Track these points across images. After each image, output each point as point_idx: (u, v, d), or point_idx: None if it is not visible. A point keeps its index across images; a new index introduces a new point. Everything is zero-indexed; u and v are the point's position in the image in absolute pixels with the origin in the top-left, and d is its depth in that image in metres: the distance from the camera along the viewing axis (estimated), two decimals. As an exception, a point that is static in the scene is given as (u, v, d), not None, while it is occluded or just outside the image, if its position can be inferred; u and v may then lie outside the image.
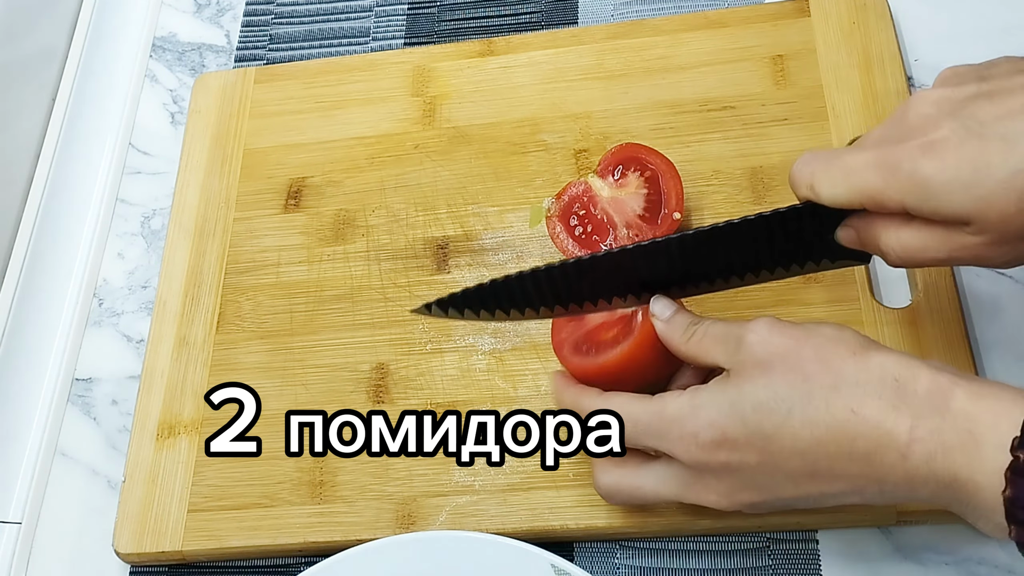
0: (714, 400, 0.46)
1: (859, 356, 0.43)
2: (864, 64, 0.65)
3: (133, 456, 0.62)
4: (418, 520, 0.57)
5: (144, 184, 0.74)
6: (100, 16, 0.79)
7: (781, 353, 0.45)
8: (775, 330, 0.45)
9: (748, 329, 0.46)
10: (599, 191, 0.61)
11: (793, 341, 0.45)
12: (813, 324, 0.46)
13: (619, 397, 0.49)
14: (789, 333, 0.45)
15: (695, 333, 0.49)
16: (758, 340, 0.45)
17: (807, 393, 0.43)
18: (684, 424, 0.46)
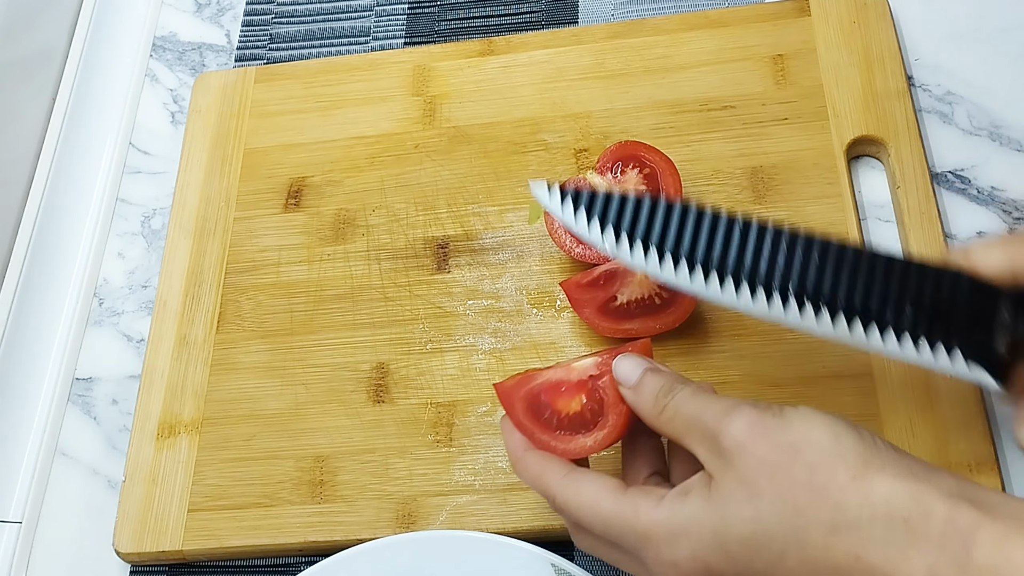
0: (696, 525, 0.39)
1: (860, 481, 0.37)
2: (864, 64, 0.65)
3: (133, 456, 0.62)
4: (418, 520, 0.57)
5: (144, 184, 0.74)
6: (100, 16, 0.79)
7: (768, 471, 0.38)
8: (758, 434, 0.38)
9: (727, 426, 0.39)
10: (598, 187, 0.61)
11: (781, 455, 0.38)
12: (803, 421, 0.39)
13: (588, 486, 0.42)
14: (775, 441, 0.38)
15: (666, 409, 0.42)
16: (739, 448, 0.38)
17: (801, 530, 0.37)
18: (661, 549, 0.40)
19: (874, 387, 0.56)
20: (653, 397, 0.42)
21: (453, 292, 0.63)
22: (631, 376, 0.44)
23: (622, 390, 0.44)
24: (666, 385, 0.43)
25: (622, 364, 0.44)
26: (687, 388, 0.42)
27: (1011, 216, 0.61)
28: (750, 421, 0.39)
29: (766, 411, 0.39)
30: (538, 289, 0.62)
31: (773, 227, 0.44)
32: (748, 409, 0.39)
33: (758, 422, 0.39)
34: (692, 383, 0.43)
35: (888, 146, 0.62)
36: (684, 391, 0.42)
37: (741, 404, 0.40)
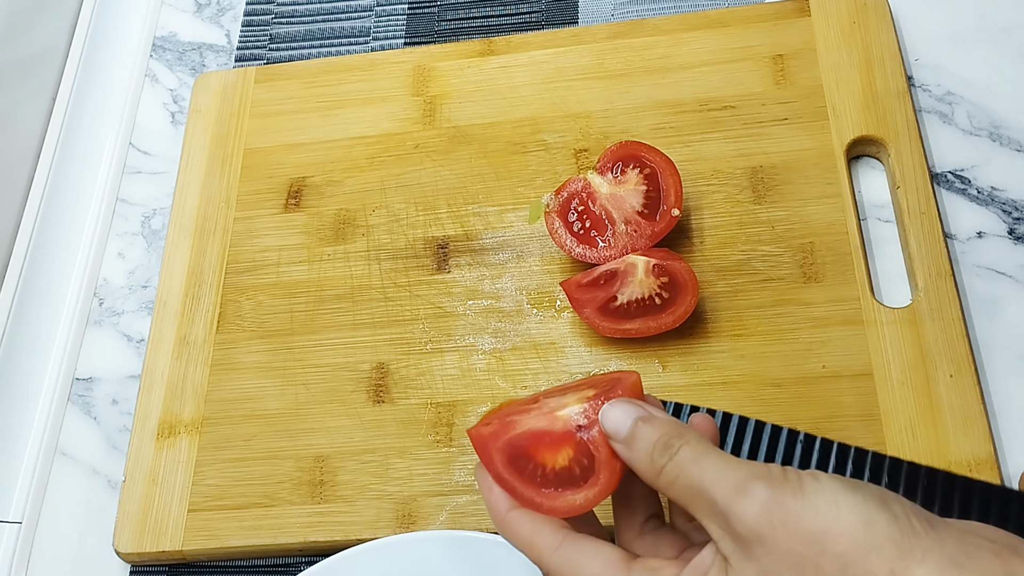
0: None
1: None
2: (864, 64, 0.65)
3: (133, 456, 0.62)
4: (418, 520, 0.57)
5: (144, 184, 0.74)
6: (100, 16, 0.79)
7: (793, 566, 0.33)
8: (778, 522, 0.33)
9: (740, 509, 0.34)
10: (598, 187, 0.61)
11: (807, 547, 0.33)
12: (828, 506, 0.33)
13: (590, 561, 0.38)
14: (798, 530, 0.33)
15: (665, 471, 0.37)
16: (757, 538, 0.34)
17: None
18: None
19: (874, 387, 0.56)
20: (649, 455, 0.38)
21: (453, 292, 0.63)
22: (621, 429, 0.39)
23: (613, 444, 0.39)
24: (662, 440, 0.38)
25: (610, 414, 0.39)
26: (687, 445, 0.37)
27: (1011, 216, 0.61)
28: (766, 504, 0.34)
29: (783, 488, 0.34)
30: (538, 289, 0.62)
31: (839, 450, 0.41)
32: (762, 489, 0.34)
33: (776, 506, 0.34)
34: (691, 433, 0.38)
35: (888, 146, 0.62)
36: (684, 450, 0.37)
37: (753, 480, 0.34)
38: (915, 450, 0.54)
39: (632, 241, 0.59)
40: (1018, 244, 0.60)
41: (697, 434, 0.38)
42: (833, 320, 0.58)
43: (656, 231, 0.59)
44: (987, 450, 0.53)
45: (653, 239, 0.59)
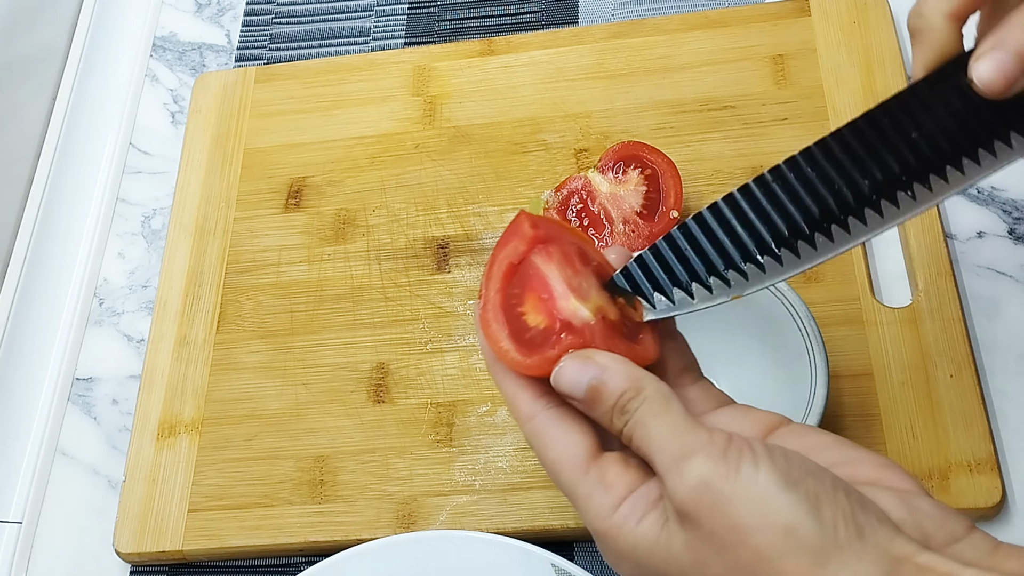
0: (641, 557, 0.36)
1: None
2: (864, 64, 0.65)
3: (133, 456, 0.62)
4: (418, 520, 0.57)
5: (144, 184, 0.74)
6: (100, 16, 0.79)
7: (716, 547, 0.34)
8: (706, 503, 0.34)
9: (676, 482, 0.34)
10: (598, 186, 0.61)
11: (730, 534, 0.33)
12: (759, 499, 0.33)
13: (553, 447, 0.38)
14: (724, 517, 0.34)
15: (624, 431, 0.37)
16: (685, 513, 0.34)
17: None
18: (607, 550, 0.37)
19: (874, 387, 0.56)
20: (608, 418, 0.37)
21: (453, 292, 0.63)
22: (576, 391, 0.37)
23: (571, 401, 0.38)
24: (619, 403, 0.37)
25: (564, 376, 0.37)
26: (643, 406, 0.36)
27: (1011, 216, 0.61)
28: (697, 485, 0.34)
29: (718, 469, 0.34)
30: (538, 289, 0.62)
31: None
32: (698, 466, 0.34)
33: (706, 488, 0.34)
34: (650, 388, 0.37)
35: (888, 146, 0.62)
36: (640, 412, 0.36)
37: (692, 455, 0.34)
38: (915, 450, 0.54)
39: (630, 241, 0.59)
40: (1018, 244, 0.60)
41: (653, 388, 0.37)
42: (833, 320, 0.58)
43: (654, 232, 0.59)
44: (987, 450, 0.53)
45: (651, 240, 0.59)
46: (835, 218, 0.38)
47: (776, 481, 0.33)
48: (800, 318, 0.51)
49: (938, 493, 0.53)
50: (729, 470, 0.34)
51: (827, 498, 0.33)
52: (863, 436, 0.55)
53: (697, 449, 0.34)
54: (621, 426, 0.37)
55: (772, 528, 0.33)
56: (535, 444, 0.38)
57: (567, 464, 0.37)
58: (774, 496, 0.33)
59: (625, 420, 0.36)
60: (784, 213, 0.39)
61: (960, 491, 0.53)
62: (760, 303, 0.52)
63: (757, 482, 0.33)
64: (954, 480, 0.53)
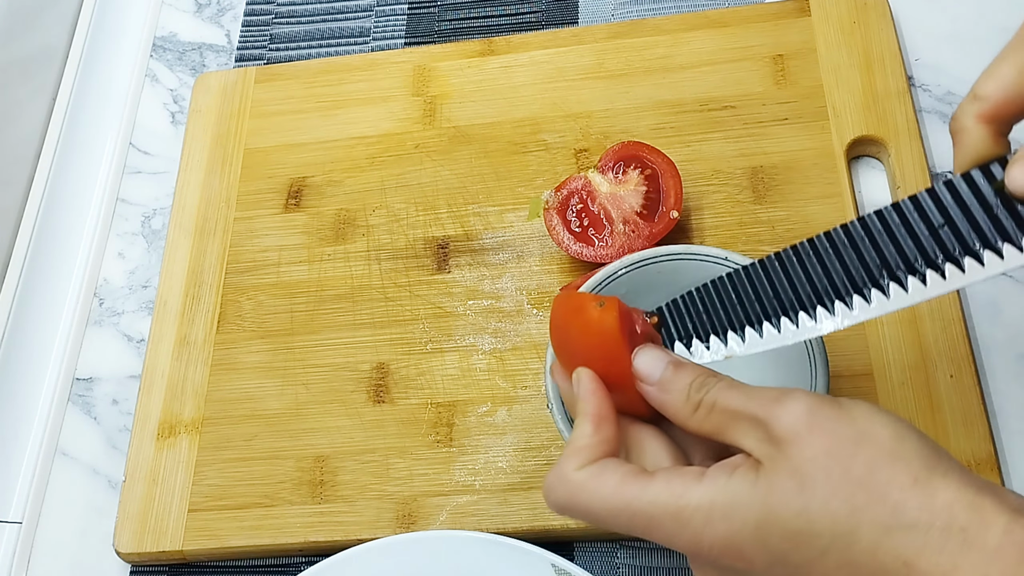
0: (738, 512, 0.36)
1: (922, 485, 0.34)
2: (864, 64, 0.65)
3: (134, 456, 0.62)
4: (418, 520, 0.57)
5: (144, 184, 0.74)
6: (100, 16, 0.79)
7: (825, 465, 0.35)
8: (816, 424, 0.36)
9: (781, 412, 0.36)
10: (598, 186, 0.61)
11: (841, 448, 0.35)
12: (866, 417, 0.36)
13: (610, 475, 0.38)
14: (835, 433, 0.35)
15: (702, 405, 0.38)
16: (795, 436, 0.36)
17: (852, 530, 0.34)
18: (697, 530, 0.37)
19: (874, 387, 0.56)
20: (685, 394, 0.39)
21: (453, 292, 0.63)
22: (654, 372, 0.40)
23: (644, 387, 0.40)
24: (698, 380, 0.39)
25: (642, 358, 0.40)
26: (721, 380, 0.39)
27: (1011, 216, 0.61)
28: (808, 408, 0.36)
29: (824, 399, 0.36)
30: (538, 289, 0.62)
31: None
32: (803, 396, 0.36)
33: (817, 410, 0.36)
34: (723, 376, 0.39)
35: (888, 146, 0.62)
36: (719, 383, 0.38)
37: (794, 391, 0.37)
38: (915, 450, 0.54)
39: (630, 241, 0.59)
40: (1018, 244, 0.60)
41: (728, 377, 0.39)
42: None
43: (654, 232, 0.59)
44: (987, 450, 0.53)
45: (651, 240, 0.59)
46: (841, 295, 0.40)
47: (877, 407, 0.37)
48: None
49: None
50: (831, 401, 0.36)
51: (923, 433, 0.36)
52: (863, 436, 0.55)
53: (795, 390, 0.37)
54: (700, 396, 0.38)
55: (884, 437, 0.35)
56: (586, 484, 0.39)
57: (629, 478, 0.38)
58: (880, 415, 0.36)
59: (706, 390, 0.38)
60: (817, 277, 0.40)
61: (960, 491, 0.52)
62: None
63: (859, 406, 0.36)
64: (954, 480, 0.53)
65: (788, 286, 0.41)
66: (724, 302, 0.42)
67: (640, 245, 0.59)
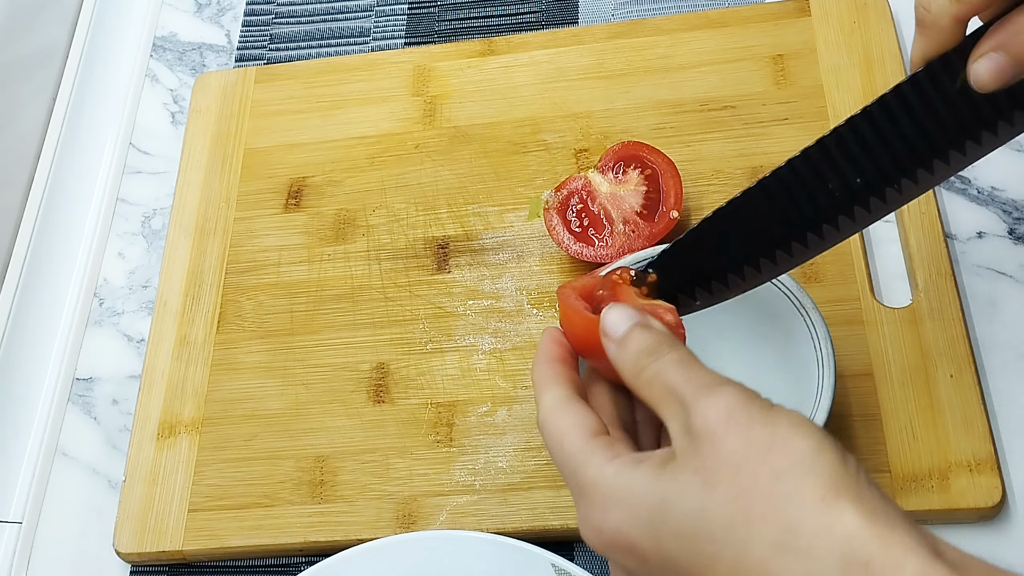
0: (635, 499, 0.35)
1: (826, 505, 0.31)
2: (864, 64, 0.65)
3: (134, 456, 0.62)
4: (418, 520, 0.57)
5: (144, 184, 0.74)
6: (100, 16, 0.79)
7: (732, 467, 0.33)
8: (734, 423, 0.34)
9: (703, 405, 0.35)
10: (598, 186, 0.61)
11: (751, 452, 0.33)
12: (789, 425, 0.34)
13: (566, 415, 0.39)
14: (750, 434, 0.34)
15: (645, 370, 0.38)
16: (708, 433, 0.34)
17: (745, 541, 0.32)
18: (592, 510, 0.37)
19: (874, 387, 0.56)
20: (636, 357, 0.38)
21: (453, 292, 0.63)
22: (617, 328, 0.39)
23: (605, 342, 0.40)
24: (651, 345, 0.38)
25: (611, 314, 0.40)
26: (674, 352, 0.37)
27: (1011, 216, 0.61)
28: (731, 404, 0.34)
29: (753, 400, 0.35)
30: (538, 289, 0.62)
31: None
32: (733, 391, 0.35)
33: (739, 408, 0.34)
34: (683, 349, 0.38)
35: (888, 146, 0.62)
36: (670, 355, 0.37)
37: (728, 384, 0.35)
38: (915, 450, 0.54)
39: (630, 241, 0.59)
40: (1018, 244, 0.60)
41: (688, 349, 0.38)
42: (833, 320, 0.57)
43: (654, 232, 0.59)
44: (987, 450, 0.53)
45: (651, 240, 0.59)
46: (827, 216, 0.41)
47: (807, 420, 0.34)
48: (806, 311, 0.51)
49: (938, 493, 0.53)
50: (762, 403, 0.35)
51: (852, 457, 0.34)
52: (863, 436, 0.55)
53: (730, 384, 0.36)
54: (648, 363, 0.37)
55: (801, 448, 0.33)
56: (550, 415, 0.40)
57: (575, 430, 0.38)
58: (807, 427, 0.34)
59: (654, 359, 0.37)
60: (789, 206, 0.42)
61: (960, 491, 0.52)
62: (765, 299, 0.52)
63: (789, 415, 0.34)
64: (954, 480, 0.53)
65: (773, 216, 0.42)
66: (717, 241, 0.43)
67: (640, 245, 0.59)
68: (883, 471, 0.54)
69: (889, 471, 0.54)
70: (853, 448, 0.54)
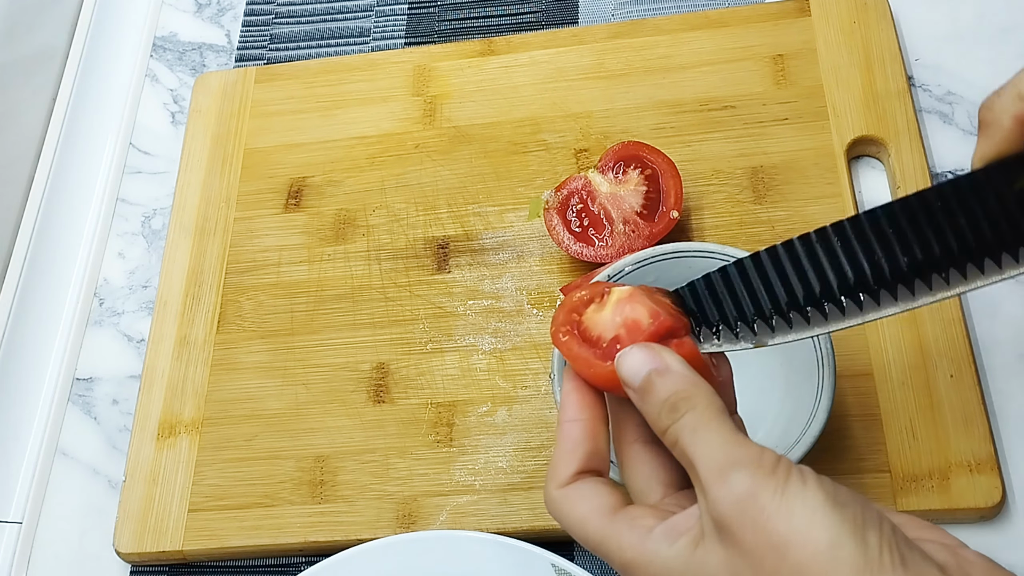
0: (677, 567, 0.36)
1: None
2: (864, 64, 0.65)
3: (134, 456, 0.62)
4: (418, 520, 0.57)
5: (145, 184, 0.74)
6: (100, 16, 0.79)
7: (754, 563, 0.33)
8: (749, 517, 0.34)
9: (719, 493, 0.34)
10: (598, 186, 0.61)
11: (770, 550, 0.33)
12: (807, 514, 0.33)
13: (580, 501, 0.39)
14: (766, 531, 0.33)
15: (668, 431, 0.37)
16: (725, 526, 0.34)
17: None
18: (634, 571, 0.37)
19: (874, 387, 0.56)
20: (657, 412, 0.37)
21: (453, 292, 0.63)
22: (635, 378, 0.38)
23: (627, 390, 0.39)
24: (670, 400, 0.37)
25: (627, 362, 0.38)
26: (692, 412, 0.37)
27: (1011, 216, 0.61)
28: (742, 497, 0.34)
29: (765, 484, 0.34)
30: (538, 289, 0.62)
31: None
32: (743, 480, 0.34)
33: (751, 501, 0.34)
34: (701, 396, 0.37)
35: (888, 146, 0.62)
36: (688, 417, 0.37)
37: (739, 467, 0.34)
38: (915, 450, 0.54)
39: (630, 241, 0.59)
40: (1018, 244, 0.60)
41: (707, 397, 0.37)
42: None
43: (654, 232, 0.59)
44: (987, 450, 0.53)
45: (651, 240, 0.59)
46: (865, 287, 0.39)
47: (823, 500, 0.33)
48: None
49: (938, 493, 0.53)
50: (777, 484, 0.34)
51: (873, 524, 0.33)
52: (863, 436, 0.55)
53: (746, 462, 0.34)
54: (668, 424, 0.37)
55: (816, 544, 0.32)
56: (564, 507, 0.39)
57: (595, 514, 0.38)
58: (820, 513, 0.33)
59: (674, 419, 0.37)
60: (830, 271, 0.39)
61: (960, 491, 0.53)
62: None
63: (804, 498, 0.33)
64: (954, 480, 0.53)
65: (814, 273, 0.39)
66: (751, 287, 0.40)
67: (640, 245, 0.59)
68: (883, 471, 0.54)
69: (889, 471, 0.54)
70: (853, 448, 0.54)
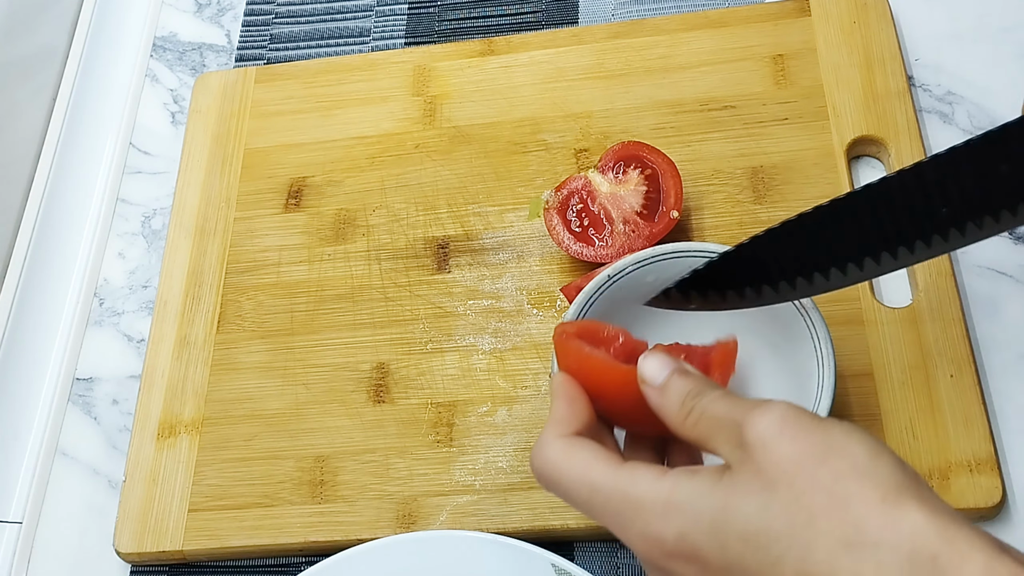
0: (695, 506, 0.36)
1: (890, 505, 0.32)
2: (865, 64, 0.65)
3: (134, 456, 0.62)
4: (418, 520, 0.57)
5: (145, 184, 0.74)
6: (100, 16, 0.79)
7: (790, 469, 0.34)
8: (788, 431, 0.35)
9: (756, 418, 0.36)
10: (598, 186, 0.61)
11: (809, 455, 0.34)
12: (842, 432, 0.35)
13: (583, 450, 0.40)
14: (806, 441, 0.34)
15: (692, 411, 0.39)
16: (762, 442, 0.35)
17: (810, 540, 0.33)
18: (650, 521, 0.37)
19: (874, 387, 0.56)
20: (679, 400, 0.39)
21: (453, 292, 0.63)
22: (657, 376, 0.40)
23: (645, 389, 0.40)
24: (694, 388, 0.39)
25: (648, 362, 0.41)
26: (717, 391, 0.39)
27: (1011, 216, 0.61)
28: (784, 416, 0.35)
29: (804, 411, 0.36)
30: (538, 289, 0.62)
31: None
32: (783, 404, 0.36)
33: (791, 418, 0.35)
34: (721, 388, 0.40)
35: (888, 146, 0.62)
36: (713, 393, 0.39)
37: (777, 400, 0.36)
38: (915, 450, 0.54)
39: (630, 241, 0.60)
40: (1018, 244, 0.60)
41: (727, 389, 0.40)
42: (833, 320, 0.57)
43: (654, 232, 0.59)
44: (987, 450, 0.53)
45: (651, 240, 0.59)
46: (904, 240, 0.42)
47: (857, 428, 0.35)
48: (806, 311, 0.51)
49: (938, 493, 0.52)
50: (812, 414, 0.36)
51: (907, 463, 0.35)
52: (863, 436, 0.55)
53: (778, 400, 0.36)
54: (694, 404, 0.39)
55: (857, 452, 0.34)
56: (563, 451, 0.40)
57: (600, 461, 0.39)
58: (859, 433, 0.35)
59: (698, 399, 0.39)
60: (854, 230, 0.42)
61: (960, 491, 0.53)
62: None
63: (840, 423, 0.35)
64: (954, 480, 0.53)
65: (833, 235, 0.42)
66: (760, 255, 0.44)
67: (640, 245, 0.59)
68: (883, 471, 0.54)
69: (889, 471, 0.53)
70: (853, 448, 0.54)
